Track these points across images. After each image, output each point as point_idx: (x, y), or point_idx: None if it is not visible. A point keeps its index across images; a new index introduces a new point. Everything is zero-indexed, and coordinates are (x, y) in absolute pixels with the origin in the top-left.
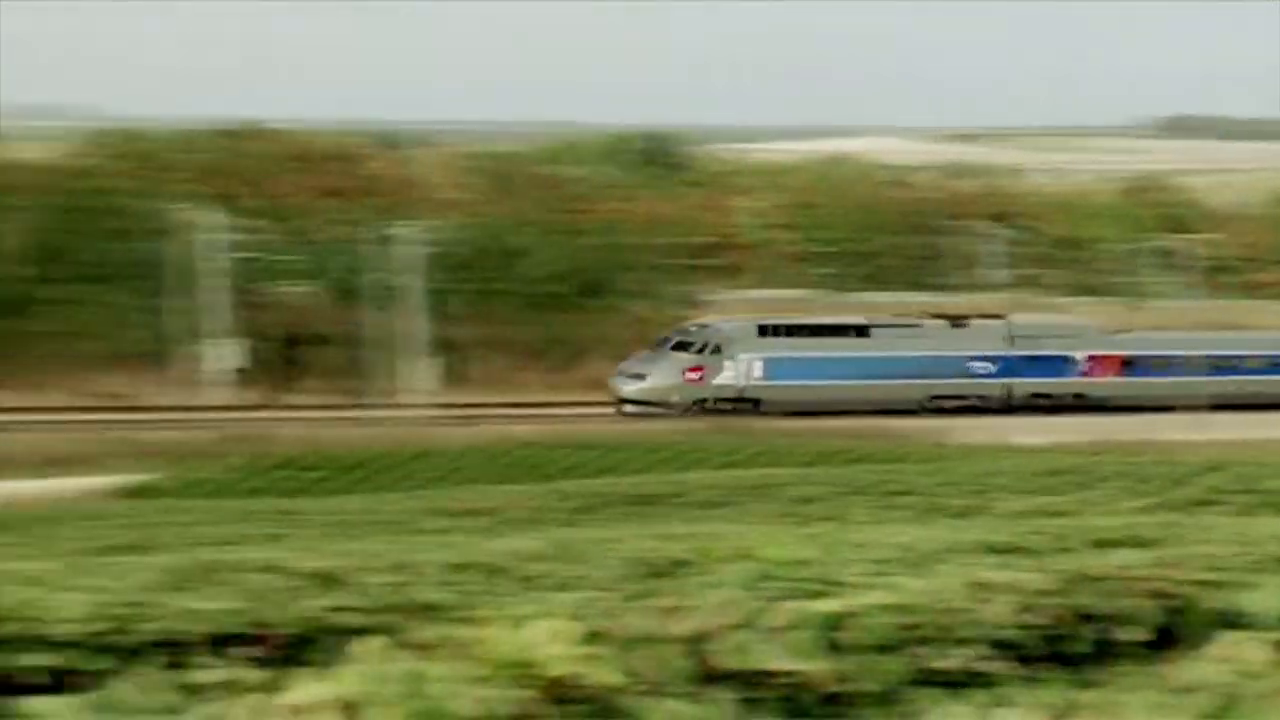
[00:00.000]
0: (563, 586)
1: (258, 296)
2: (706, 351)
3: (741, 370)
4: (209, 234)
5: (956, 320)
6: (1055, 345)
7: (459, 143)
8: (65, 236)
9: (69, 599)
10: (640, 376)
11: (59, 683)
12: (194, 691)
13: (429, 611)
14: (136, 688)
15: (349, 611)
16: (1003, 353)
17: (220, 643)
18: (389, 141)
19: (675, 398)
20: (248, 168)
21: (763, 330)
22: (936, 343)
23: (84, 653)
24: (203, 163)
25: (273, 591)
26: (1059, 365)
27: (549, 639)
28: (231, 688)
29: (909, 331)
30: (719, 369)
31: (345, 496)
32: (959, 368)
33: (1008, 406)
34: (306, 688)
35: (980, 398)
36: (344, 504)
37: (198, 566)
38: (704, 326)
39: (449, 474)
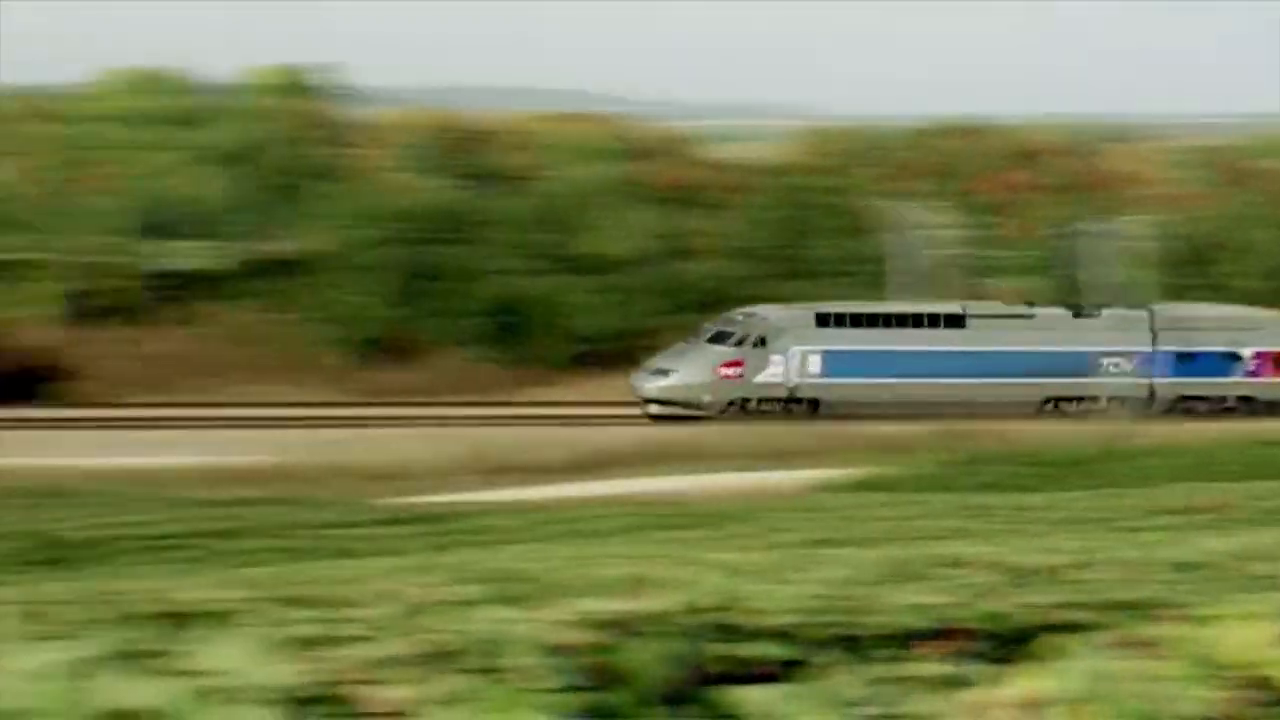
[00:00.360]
0: None
1: (977, 292)
2: (747, 343)
3: (794, 365)
4: (925, 230)
5: (1082, 309)
6: (1215, 339)
7: (1175, 135)
8: (785, 234)
9: (781, 590)
10: (663, 373)
11: (772, 674)
12: (909, 684)
13: (1146, 608)
14: (850, 680)
15: (1066, 608)
16: (1144, 347)
17: (929, 636)
18: (1106, 136)
19: (707, 398)
20: (963, 164)
21: (822, 319)
22: (1055, 335)
23: (794, 644)
24: (916, 160)
25: (977, 586)
26: (1219, 363)
27: (1272, 640)
28: (945, 683)
29: (1019, 322)
30: (764, 364)
31: (1040, 494)
32: (1084, 364)
33: (1151, 410)
34: (1023, 684)
35: (1114, 400)
36: (1038, 500)
37: (903, 560)
38: (749, 314)
39: (1147, 471)
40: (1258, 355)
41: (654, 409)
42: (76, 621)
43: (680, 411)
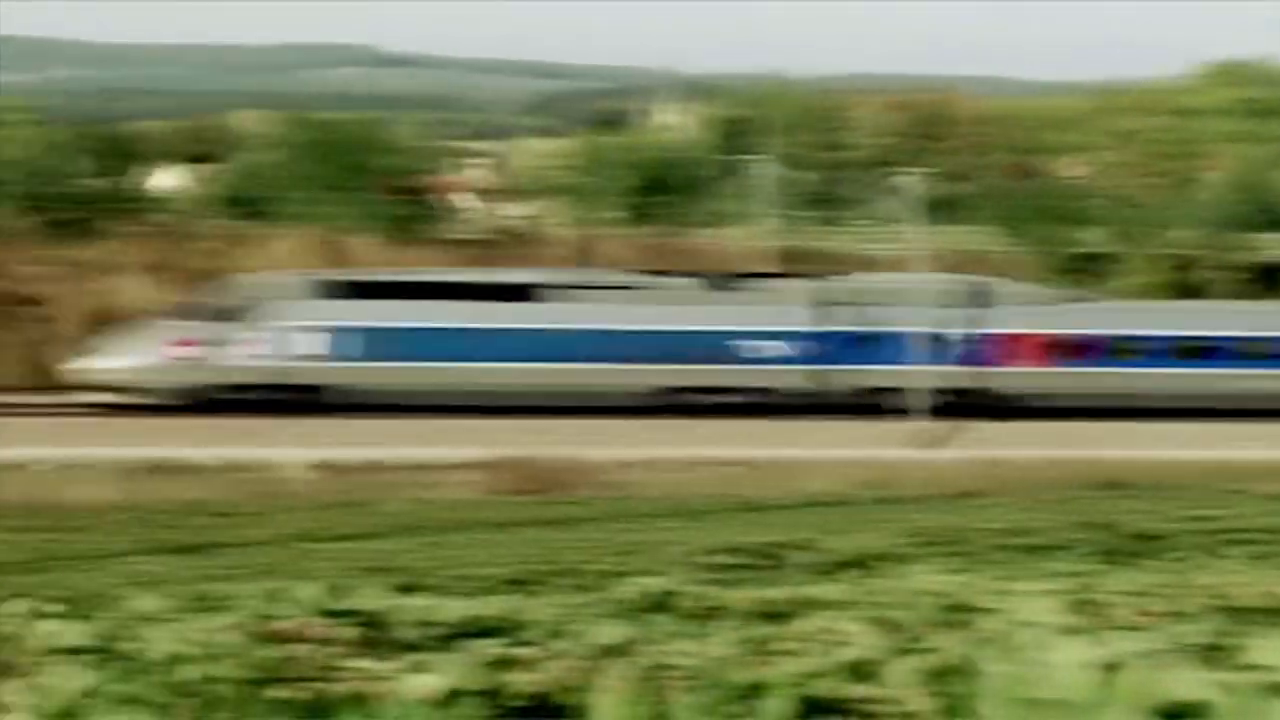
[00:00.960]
0: None
1: None
2: (212, 317)
3: (281, 343)
4: None
5: (721, 279)
6: (917, 318)
7: None
8: None
9: None
10: (104, 352)
11: None
12: None
13: None
14: None
15: None
16: (806, 327)
17: None
18: None
19: (157, 380)
20: None
21: (328, 288)
22: (675, 311)
23: None
24: None
25: None
26: (909, 347)
27: None
28: None
29: (618, 295)
30: (237, 342)
31: None
32: (715, 347)
33: (815, 405)
34: None
35: (761, 390)
36: None
37: None
38: (233, 282)
39: None
40: (988, 338)
41: (101, 395)
42: (1140, 614)
43: (137, 399)
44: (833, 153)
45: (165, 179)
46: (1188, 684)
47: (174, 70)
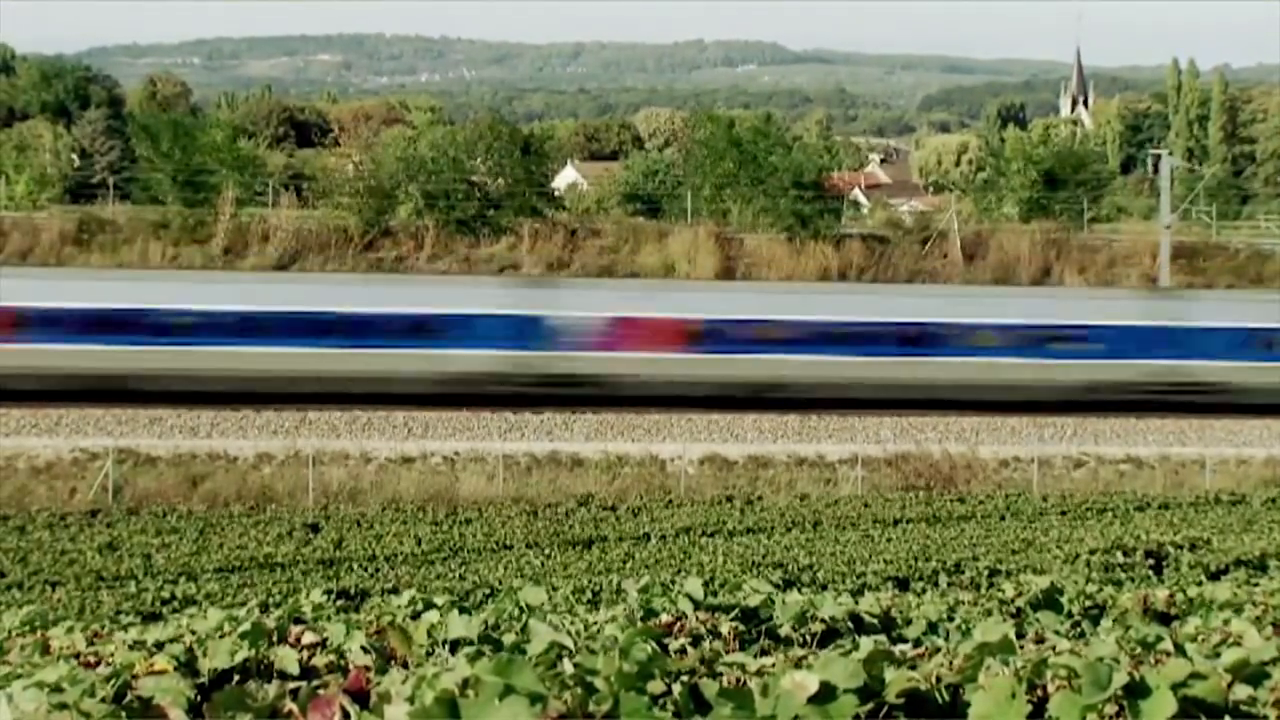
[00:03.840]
0: None
1: None
2: None
3: None
4: None
5: None
6: None
7: None
8: None
9: None
10: None
11: None
12: None
13: None
14: None
15: None
16: None
17: None
18: None
19: None
20: None
21: None
22: None
23: None
24: None
25: None
26: None
27: None
28: None
29: None
30: None
31: None
32: None
33: None
34: None
35: None
36: None
37: None
38: None
39: None
40: None
41: None
42: None
43: None
44: (1238, 145)
45: (567, 176)
46: None
47: (576, 68)
